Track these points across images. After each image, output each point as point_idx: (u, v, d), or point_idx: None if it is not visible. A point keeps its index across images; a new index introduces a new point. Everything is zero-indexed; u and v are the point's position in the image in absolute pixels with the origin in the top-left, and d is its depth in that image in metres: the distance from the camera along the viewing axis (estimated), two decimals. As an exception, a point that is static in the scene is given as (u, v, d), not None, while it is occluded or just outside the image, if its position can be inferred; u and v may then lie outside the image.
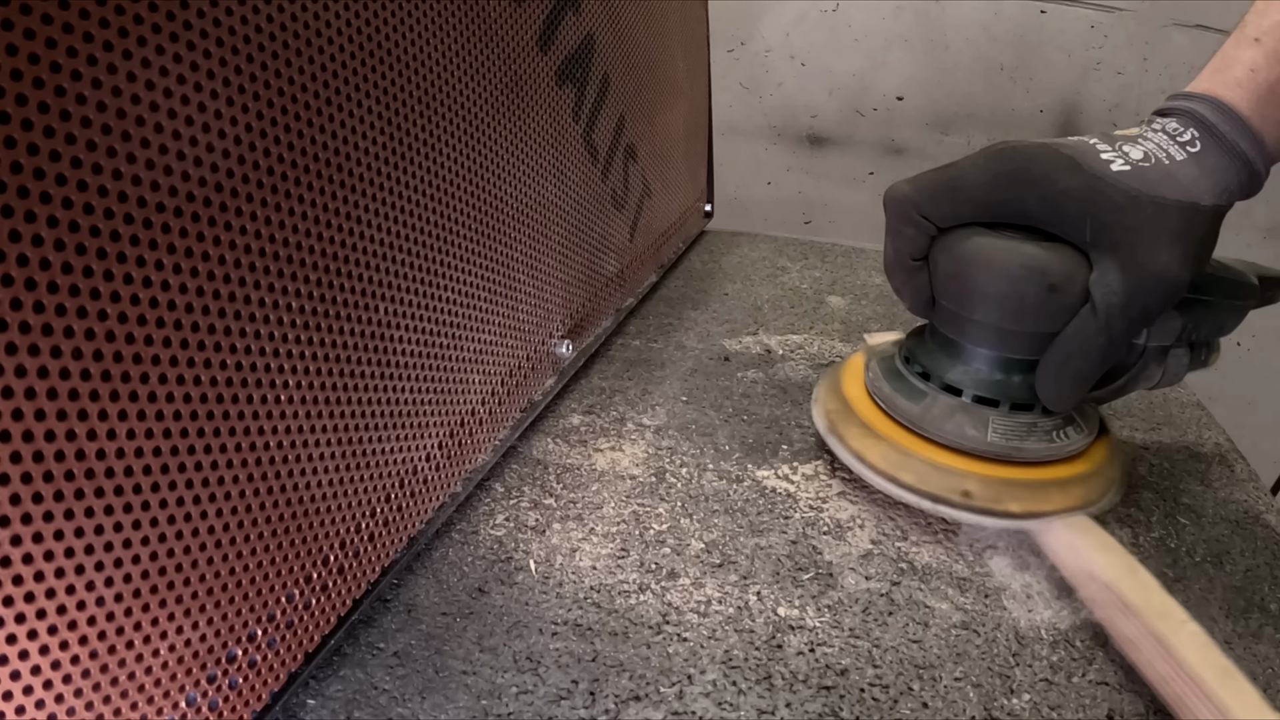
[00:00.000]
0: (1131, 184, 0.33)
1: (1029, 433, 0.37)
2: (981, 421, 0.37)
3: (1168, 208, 0.32)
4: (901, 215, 0.37)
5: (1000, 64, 0.94)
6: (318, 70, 0.26)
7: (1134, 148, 0.34)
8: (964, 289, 0.36)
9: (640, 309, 0.62)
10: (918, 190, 0.37)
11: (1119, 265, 0.33)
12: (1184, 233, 0.32)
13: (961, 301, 0.37)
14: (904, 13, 0.93)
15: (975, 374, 0.38)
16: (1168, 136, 0.34)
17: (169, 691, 0.23)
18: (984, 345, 0.38)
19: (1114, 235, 0.33)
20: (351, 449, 0.30)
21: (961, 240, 0.36)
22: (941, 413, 0.38)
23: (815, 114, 1.00)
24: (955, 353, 0.39)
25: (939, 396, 0.38)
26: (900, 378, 0.40)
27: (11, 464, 0.18)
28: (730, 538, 0.38)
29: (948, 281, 0.37)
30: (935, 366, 0.39)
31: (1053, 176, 0.34)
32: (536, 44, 0.41)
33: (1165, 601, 0.32)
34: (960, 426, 0.37)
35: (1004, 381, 0.37)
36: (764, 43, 0.97)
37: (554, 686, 0.30)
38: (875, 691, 0.31)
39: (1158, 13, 0.88)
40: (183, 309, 0.22)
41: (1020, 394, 0.37)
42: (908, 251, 0.38)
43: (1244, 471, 0.47)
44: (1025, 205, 0.35)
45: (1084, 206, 0.33)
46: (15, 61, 0.17)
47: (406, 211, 0.32)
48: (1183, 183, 0.33)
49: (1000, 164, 0.35)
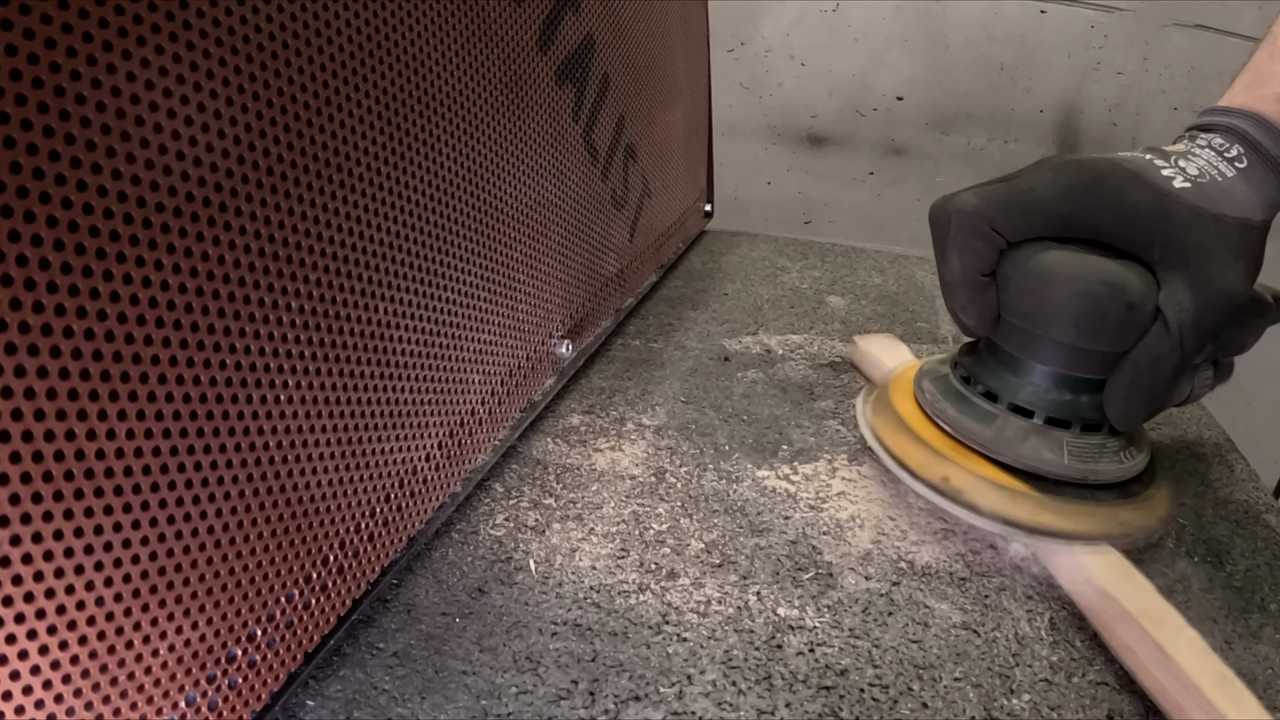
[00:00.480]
0: (1195, 201, 0.33)
1: (1100, 454, 0.36)
2: (1056, 444, 0.36)
3: (1229, 225, 0.33)
4: (971, 228, 0.35)
5: (1000, 64, 0.94)
6: (318, 70, 0.26)
7: (1189, 164, 0.34)
8: (1040, 305, 0.35)
9: (640, 309, 0.62)
10: (988, 203, 0.35)
11: (1189, 283, 0.32)
12: (1244, 250, 0.33)
13: (1037, 319, 0.35)
14: (904, 13, 0.93)
15: (1045, 394, 0.37)
16: (1215, 153, 0.35)
17: (169, 691, 0.23)
18: (1055, 364, 0.36)
19: (1183, 253, 0.33)
20: (351, 449, 0.30)
21: (1036, 254, 0.35)
22: (1015, 436, 0.36)
23: (815, 114, 1.00)
24: (1022, 372, 0.37)
25: (1010, 418, 0.37)
26: (963, 399, 0.39)
27: (11, 464, 0.18)
28: (730, 538, 0.38)
29: (1021, 298, 0.35)
30: (1001, 387, 0.37)
31: (1124, 191, 0.34)
32: (536, 44, 0.41)
33: (1162, 607, 0.32)
34: (1036, 450, 0.36)
35: (1074, 402, 0.36)
36: (764, 43, 0.97)
37: (554, 686, 0.30)
38: (875, 691, 0.31)
39: (1158, 13, 0.88)
40: (183, 309, 0.22)
41: (1090, 414, 0.36)
42: (977, 267, 0.36)
43: (1244, 471, 0.47)
44: (1097, 220, 0.34)
45: (1154, 222, 0.33)
46: (15, 61, 0.17)
47: (406, 212, 0.32)
48: (1238, 200, 0.33)
49: (1071, 177, 0.35)
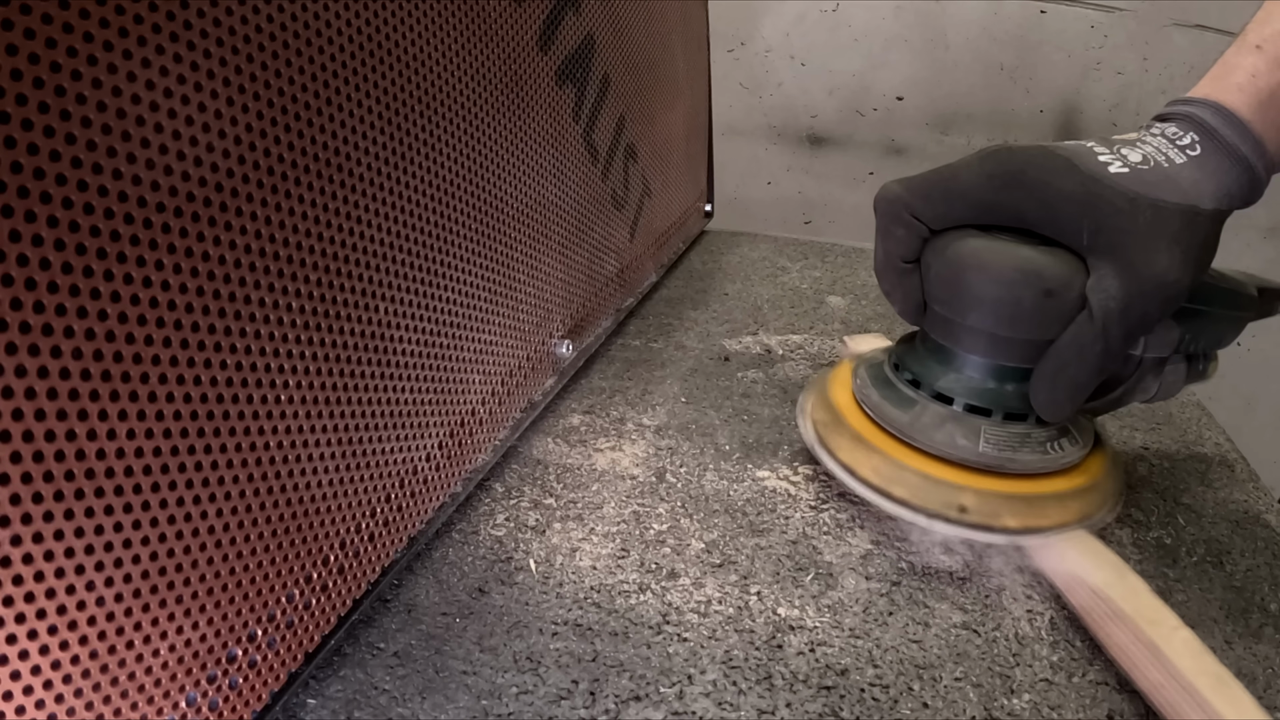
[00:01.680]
0: (1130, 186, 0.32)
1: (1022, 443, 0.36)
2: (973, 431, 0.36)
3: (1167, 211, 0.32)
4: (892, 215, 0.36)
5: (1000, 64, 0.94)
6: (318, 70, 0.26)
7: (1132, 151, 0.34)
8: (957, 293, 0.35)
9: (640, 309, 0.62)
10: (909, 190, 0.36)
11: (1117, 270, 0.32)
12: (1184, 236, 0.32)
13: (954, 306, 0.36)
14: (904, 13, 0.93)
15: (967, 382, 0.37)
16: (1167, 140, 0.34)
17: (169, 691, 0.23)
18: (976, 352, 0.36)
19: (1111, 239, 0.32)
20: (351, 449, 0.30)
21: (954, 242, 0.35)
22: (931, 421, 0.37)
23: (815, 114, 1.00)
24: (947, 360, 0.37)
25: (929, 405, 0.37)
26: (889, 385, 0.39)
27: (11, 464, 0.18)
28: (730, 538, 0.38)
29: (940, 285, 0.36)
30: (925, 374, 0.38)
31: (1049, 178, 0.33)
32: (536, 44, 0.41)
33: (1156, 607, 0.32)
34: (951, 436, 0.36)
35: (997, 390, 0.36)
36: (764, 43, 0.97)
37: (554, 686, 0.30)
38: (875, 691, 0.31)
39: (1158, 13, 0.88)
40: (183, 309, 0.22)
41: (1013, 403, 0.36)
42: (898, 253, 0.37)
43: (1244, 471, 0.47)
44: (1021, 207, 0.34)
45: (1081, 209, 0.33)
46: (15, 61, 0.17)
47: (407, 212, 0.32)
48: (1183, 186, 0.32)
49: (995, 165, 0.34)
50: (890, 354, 0.41)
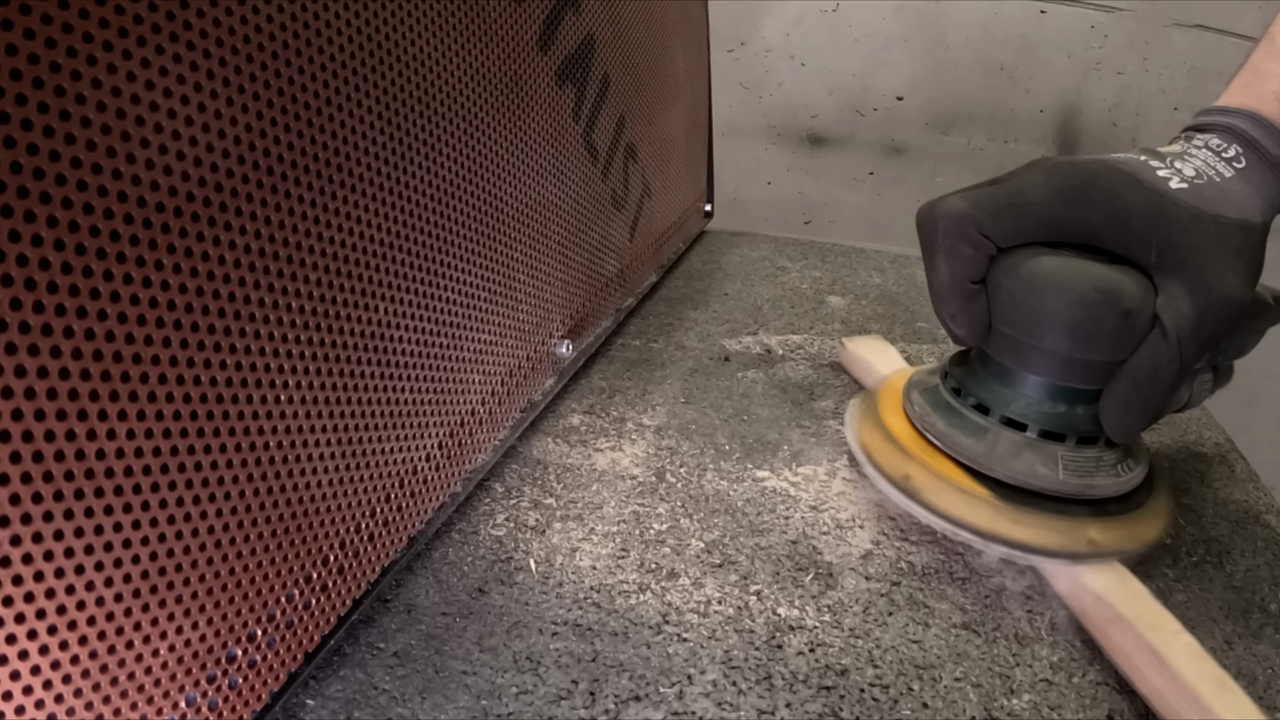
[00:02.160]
0: (1191, 202, 0.32)
1: (1097, 468, 0.35)
2: (1051, 458, 0.34)
3: (1228, 226, 0.31)
4: (959, 234, 0.34)
5: (1000, 64, 0.94)
6: (318, 70, 0.26)
7: (1185, 164, 0.33)
8: (1033, 314, 0.34)
9: (640, 309, 0.62)
10: (976, 207, 0.34)
11: (1187, 288, 0.31)
12: (1245, 252, 0.32)
13: (1029, 328, 0.34)
14: (904, 13, 0.93)
15: (1039, 406, 0.35)
16: (1212, 153, 0.33)
17: (169, 691, 0.23)
18: (1048, 375, 0.35)
19: (1181, 256, 0.31)
20: (351, 449, 0.30)
21: (1028, 261, 0.34)
22: (1007, 450, 0.35)
23: (815, 114, 1.00)
24: (1012, 383, 0.36)
25: (1002, 432, 0.35)
26: (953, 411, 0.37)
27: (11, 464, 0.18)
28: (730, 538, 0.38)
29: (1014, 306, 0.34)
30: (993, 399, 0.36)
31: (1118, 193, 0.32)
32: (536, 44, 0.41)
33: (1158, 612, 0.31)
34: (1030, 465, 0.34)
35: (1069, 414, 0.35)
36: (764, 43, 0.97)
37: (554, 686, 0.30)
38: (875, 691, 0.31)
39: (1158, 13, 0.88)
40: (183, 309, 0.22)
41: (1085, 427, 0.35)
42: (966, 274, 0.35)
43: (1244, 471, 0.47)
44: (1091, 223, 0.33)
45: (1150, 225, 0.32)
46: (15, 61, 0.17)
47: (406, 212, 0.32)
48: (1236, 200, 0.32)
49: (1062, 180, 0.33)
50: (946, 376, 0.39)
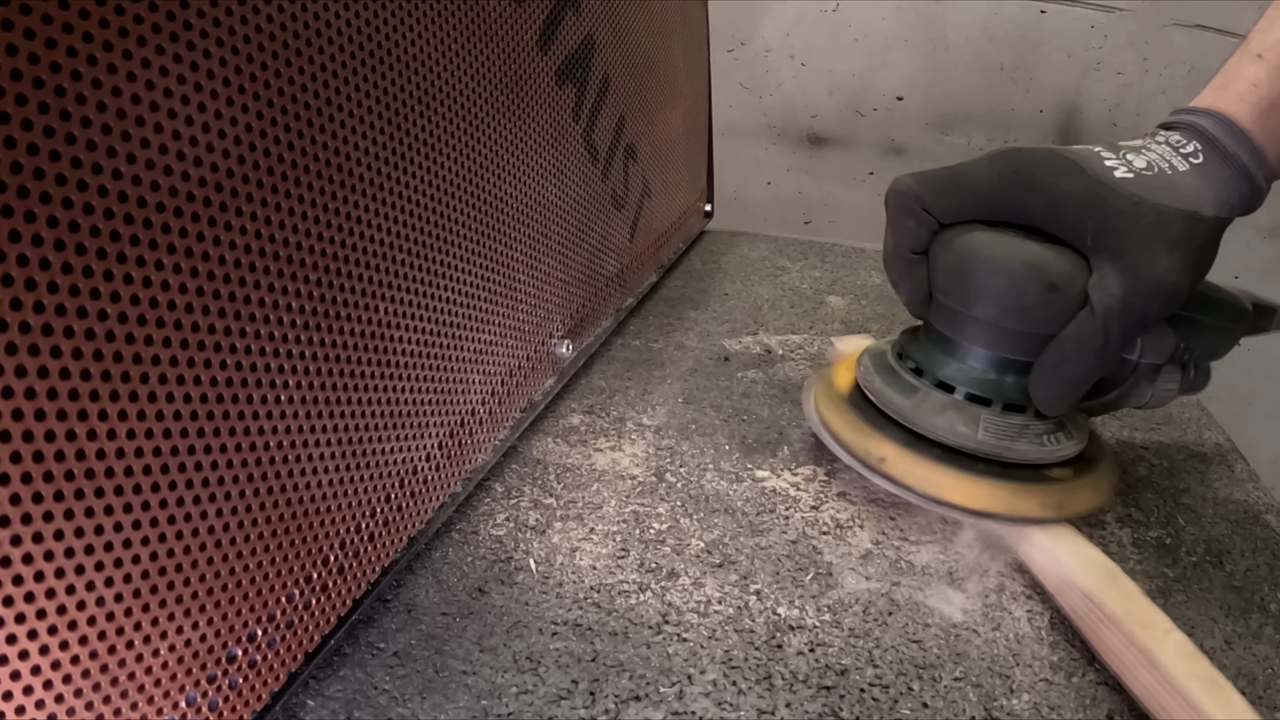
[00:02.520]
0: (1134, 190, 0.33)
1: (1020, 434, 0.36)
2: (973, 419, 0.37)
3: (1169, 215, 0.33)
4: (903, 207, 0.37)
5: (1000, 64, 0.94)
6: (318, 70, 0.26)
7: (1138, 156, 0.34)
8: (963, 284, 0.36)
9: (640, 309, 0.62)
10: (921, 184, 0.37)
11: (1118, 269, 0.33)
12: (1184, 241, 0.32)
13: (960, 297, 0.37)
14: (904, 13, 0.93)
15: (969, 372, 0.37)
16: (1171, 148, 0.35)
17: (169, 691, 0.23)
18: (980, 343, 0.37)
19: (1114, 240, 0.33)
20: (351, 449, 0.30)
21: (962, 235, 0.36)
22: (932, 408, 0.37)
23: (815, 114, 1.00)
24: (950, 350, 0.38)
25: (931, 392, 0.38)
26: (892, 372, 0.40)
27: (11, 464, 0.18)
28: (730, 538, 0.38)
29: (947, 276, 0.37)
30: (929, 363, 0.38)
31: (1056, 179, 0.34)
32: (536, 44, 0.41)
33: (1148, 610, 0.31)
34: (951, 423, 0.37)
35: (997, 381, 0.37)
36: (764, 43, 0.97)
37: (554, 686, 0.30)
38: (875, 691, 0.31)
39: (1158, 13, 0.88)
40: (183, 309, 0.22)
41: (1013, 395, 0.37)
42: (907, 244, 0.38)
43: (1244, 471, 0.47)
44: (1028, 205, 0.35)
45: (1086, 210, 0.33)
46: (15, 61, 0.17)
47: (407, 211, 0.32)
48: (1184, 192, 0.33)
49: (1005, 164, 0.36)
50: (894, 345, 0.41)
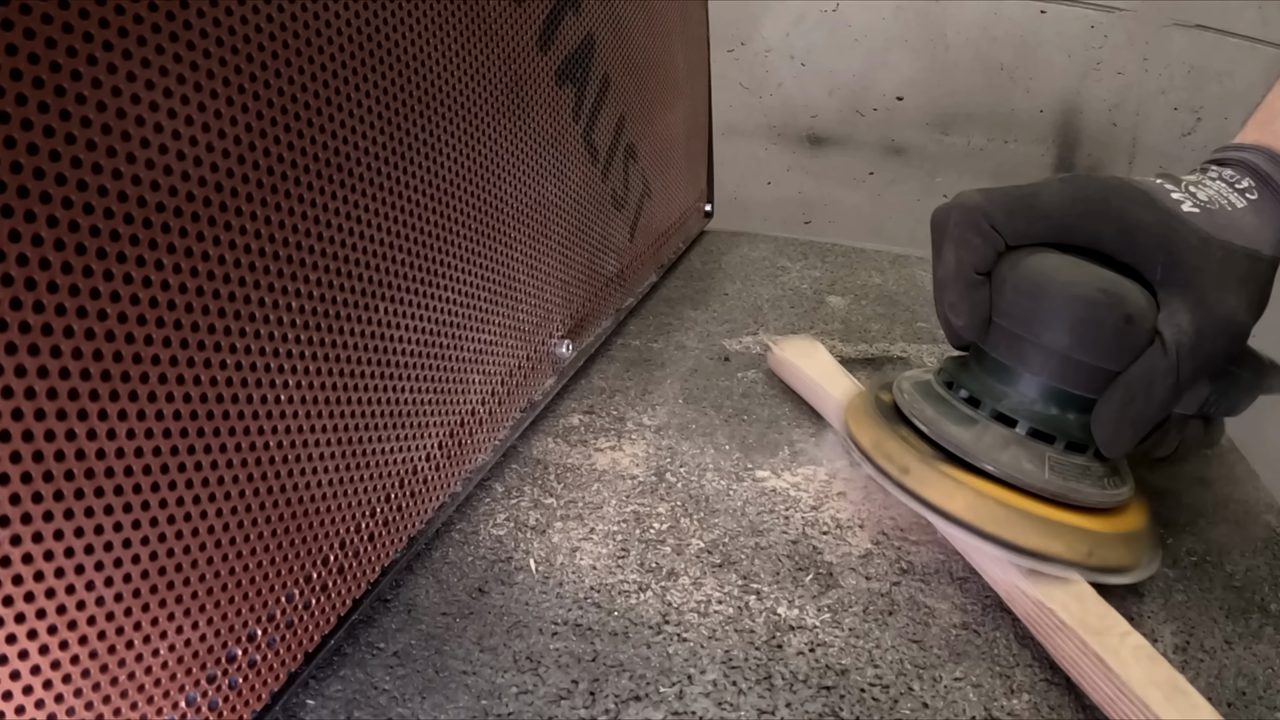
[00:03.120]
0: (1202, 226, 0.33)
1: (1083, 475, 0.34)
2: (1038, 457, 0.34)
3: (1235, 253, 0.32)
4: (971, 224, 0.35)
5: (1000, 64, 0.94)
6: (318, 70, 0.26)
7: (1199, 190, 0.34)
8: (1035, 308, 0.34)
9: (640, 309, 0.62)
10: (991, 201, 0.35)
11: (1189, 305, 0.32)
12: (1249, 280, 0.32)
13: (1029, 322, 0.34)
14: (904, 13, 0.93)
15: (1031, 405, 0.35)
16: (1226, 184, 0.34)
17: (169, 691, 0.23)
18: (1044, 374, 0.35)
19: (1186, 275, 0.32)
20: (351, 449, 0.30)
21: (1035, 256, 0.34)
22: (995, 442, 0.35)
23: (815, 114, 1.00)
24: (1007, 380, 0.36)
25: (991, 425, 0.35)
26: (943, 401, 0.37)
27: (11, 464, 0.18)
28: (730, 537, 0.38)
29: (1016, 299, 0.34)
30: (986, 393, 0.36)
31: (1130, 208, 0.34)
32: (536, 44, 0.41)
33: (1102, 614, 0.30)
34: (1017, 459, 0.34)
35: (1060, 417, 0.35)
36: (764, 43, 0.97)
37: (554, 686, 0.30)
38: (875, 691, 0.31)
39: (1158, 13, 0.88)
40: (183, 309, 0.22)
41: (1075, 433, 0.35)
42: (972, 263, 0.35)
43: (1244, 471, 0.47)
44: (1101, 232, 0.34)
45: (1158, 242, 0.33)
46: (15, 61, 0.17)
47: (407, 212, 0.32)
48: (1246, 230, 0.33)
49: (1078, 189, 0.35)
50: (940, 372, 0.39)
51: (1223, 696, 0.32)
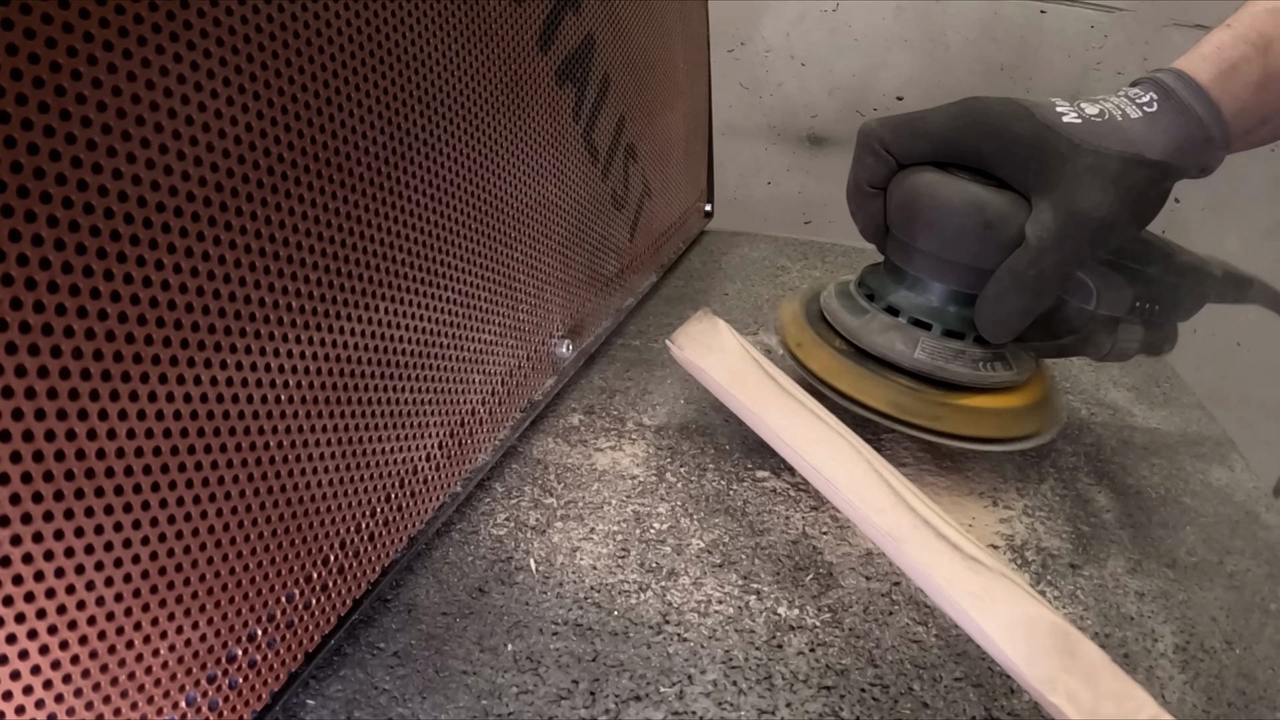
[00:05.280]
0: (1078, 135, 0.35)
1: (955, 357, 0.40)
2: (912, 340, 0.40)
3: (1107, 156, 0.35)
4: (865, 145, 0.41)
5: (1000, 64, 0.94)
6: (318, 70, 0.26)
7: (1091, 105, 0.37)
8: (910, 219, 0.40)
9: (640, 309, 0.62)
10: (884, 125, 0.41)
11: (1053, 205, 0.35)
12: (1120, 180, 0.35)
13: (908, 230, 0.40)
14: (904, 13, 0.93)
15: (914, 299, 0.41)
16: (1128, 99, 0.37)
17: (169, 691, 0.23)
18: (925, 273, 0.41)
19: (1052, 179, 0.35)
20: (351, 449, 0.30)
21: (913, 175, 0.40)
22: (877, 328, 0.41)
23: (815, 114, 1.00)
24: (899, 280, 0.42)
25: (879, 315, 0.42)
26: (850, 298, 0.44)
27: (11, 464, 0.18)
28: (730, 538, 0.38)
29: (897, 211, 0.41)
30: (881, 290, 0.42)
31: (1007, 123, 0.37)
32: (536, 44, 0.41)
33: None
34: (891, 342, 0.41)
35: (940, 309, 0.41)
36: (764, 43, 0.97)
37: (554, 686, 0.30)
38: (875, 691, 0.31)
39: (1158, 13, 0.88)
40: (183, 309, 0.22)
41: (953, 322, 0.40)
42: (865, 179, 0.42)
43: (1244, 471, 0.47)
44: (979, 147, 0.38)
45: (1030, 151, 0.36)
46: (15, 61, 0.17)
47: (407, 211, 0.32)
48: (1130, 136, 0.35)
49: (962, 109, 0.39)
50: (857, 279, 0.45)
51: (1223, 696, 0.32)
